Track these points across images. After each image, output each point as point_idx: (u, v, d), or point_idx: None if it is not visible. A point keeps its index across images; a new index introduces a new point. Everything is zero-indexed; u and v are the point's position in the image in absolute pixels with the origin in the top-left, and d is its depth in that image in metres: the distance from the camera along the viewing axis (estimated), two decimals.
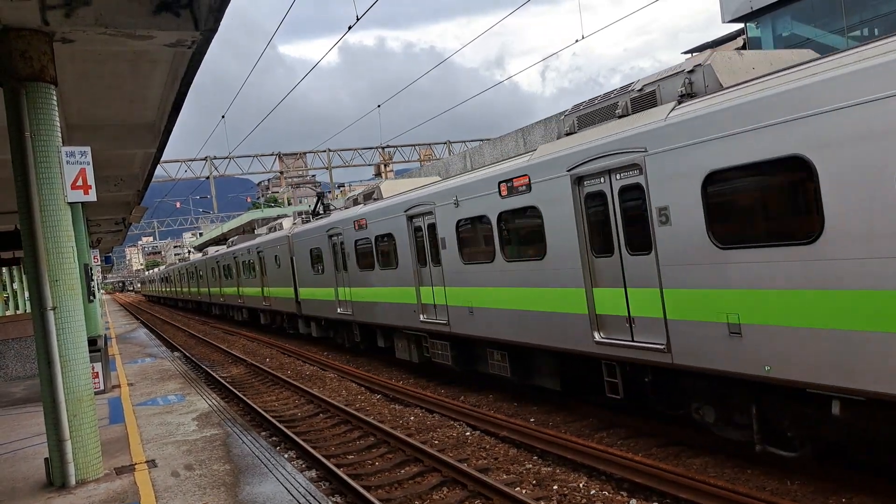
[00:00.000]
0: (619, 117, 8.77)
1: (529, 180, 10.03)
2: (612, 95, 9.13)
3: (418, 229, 13.77)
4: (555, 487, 7.91)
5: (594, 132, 8.96)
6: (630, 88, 8.86)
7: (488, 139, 28.15)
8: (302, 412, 13.31)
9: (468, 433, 10.48)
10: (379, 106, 34.77)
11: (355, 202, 18.28)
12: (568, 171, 9.19)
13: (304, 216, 23.73)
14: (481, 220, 11.33)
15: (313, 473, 9.24)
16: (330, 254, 18.90)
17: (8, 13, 7.07)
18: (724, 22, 26.21)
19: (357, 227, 16.74)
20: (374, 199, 16.89)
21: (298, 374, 17.67)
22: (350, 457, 10.09)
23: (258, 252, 26.53)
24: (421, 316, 14.02)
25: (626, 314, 8.61)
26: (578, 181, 9.12)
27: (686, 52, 36.27)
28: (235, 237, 35.97)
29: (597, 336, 9.10)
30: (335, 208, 21.55)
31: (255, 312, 30.87)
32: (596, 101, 9.41)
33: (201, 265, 42.01)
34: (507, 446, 9.67)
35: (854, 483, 7.01)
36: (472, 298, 11.95)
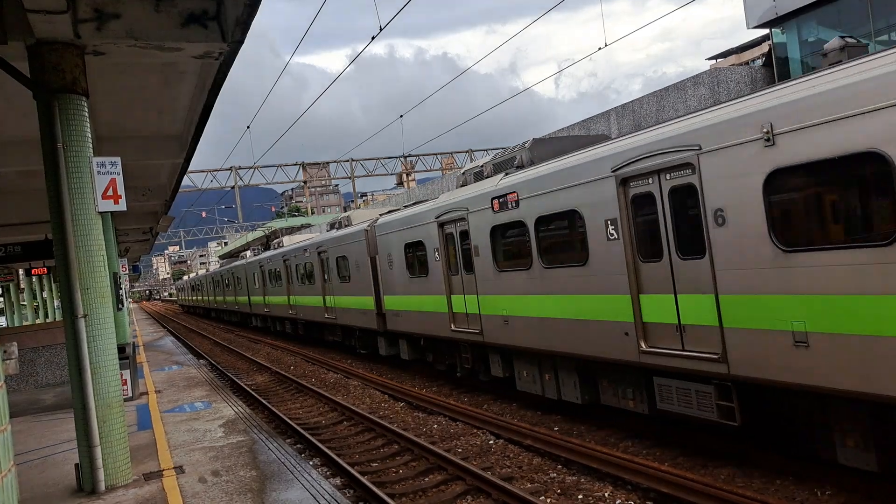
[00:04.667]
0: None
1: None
2: (481, 165, 12.83)
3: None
4: (580, 497, 7.86)
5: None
6: (493, 160, 12.46)
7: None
8: (326, 420, 13.37)
9: (492, 442, 10.45)
10: (401, 116, 35.01)
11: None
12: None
13: None
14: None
15: (338, 481, 9.27)
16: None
17: (41, 27, 7.24)
18: (749, 28, 26.04)
19: None
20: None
21: (322, 382, 17.76)
22: (374, 464, 10.11)
23: None
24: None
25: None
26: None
27: (710, 59, 36.02)
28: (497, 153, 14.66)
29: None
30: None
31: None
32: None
33: (333, 246, 20.77)
34: (532, 455, 9.63)
35: (886, 493, 6.87)
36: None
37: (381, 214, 17.91)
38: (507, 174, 11.43)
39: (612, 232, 8.81)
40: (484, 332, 12.33)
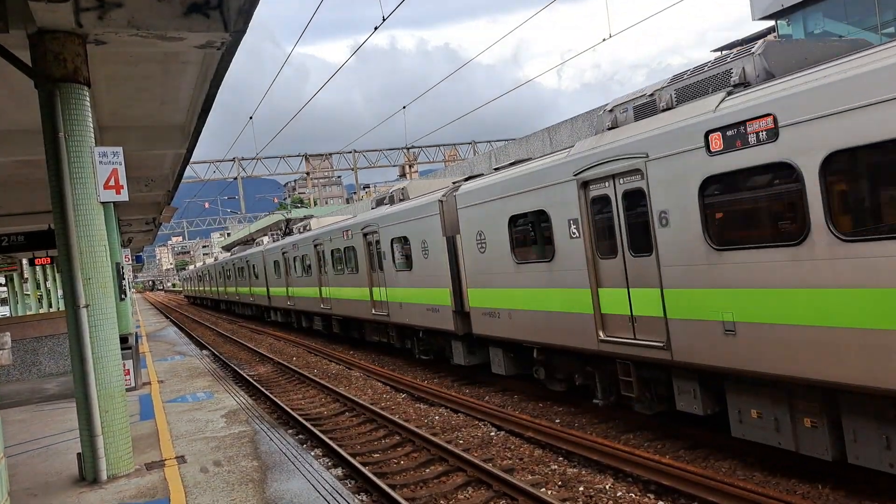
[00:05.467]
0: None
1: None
2: (650, 93, 8.92)
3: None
4: (581, 489, 7.87)
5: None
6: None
7: (513, 139, 28.09)
8: (328, 410, 13.40)
9: (493, 433, 10.47)
10: (404, 107, 34.92)
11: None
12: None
13: None
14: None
15: (339, 471, 9.29)
16: None
17: (43, 16, 7.22)
18: (754, 19, 25.89)
19: None
20: None
21: (325, 373, 17.79)
22: (375, 455, 10.13)
23: None
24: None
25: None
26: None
27: (715, 51, 35.91)
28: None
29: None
30: None
31: None
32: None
33: (387, 225, 16.85)
34: (532, 447, 9.64)
35: (883, 487, 6.86)
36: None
37: (454, 182, 14.35)
38: (729, 94, 7.45)
39: None
40: (672, 344, 8.25)
